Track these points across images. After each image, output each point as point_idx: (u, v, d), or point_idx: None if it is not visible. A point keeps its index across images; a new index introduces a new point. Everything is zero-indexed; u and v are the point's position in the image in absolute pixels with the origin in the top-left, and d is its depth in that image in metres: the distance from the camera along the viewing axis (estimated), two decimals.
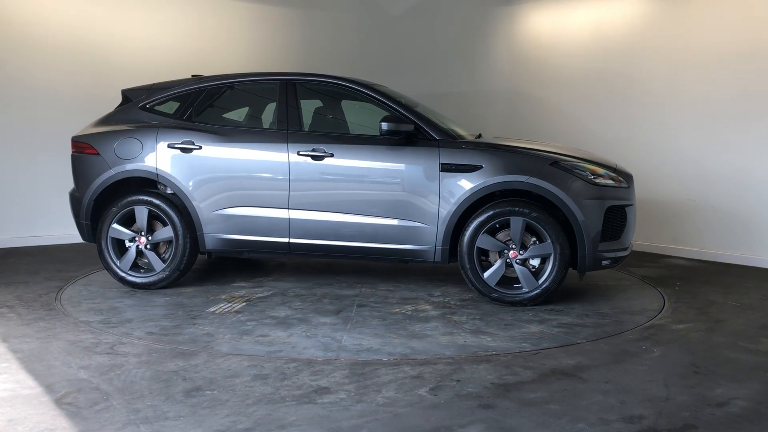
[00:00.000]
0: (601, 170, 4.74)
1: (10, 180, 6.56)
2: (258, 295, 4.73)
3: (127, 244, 4.85)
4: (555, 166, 4.58)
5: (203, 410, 2.74)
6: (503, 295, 4.59)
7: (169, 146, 4.83)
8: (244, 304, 4.50)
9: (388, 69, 8.06)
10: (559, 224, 4.50)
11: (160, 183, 4.92)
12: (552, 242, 4.48)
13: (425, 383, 3.10)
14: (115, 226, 4.81)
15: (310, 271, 5.63)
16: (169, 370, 3.21)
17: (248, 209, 4.80)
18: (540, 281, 4.53)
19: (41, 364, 3.26)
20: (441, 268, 5.82)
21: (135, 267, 4.87)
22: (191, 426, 2.60)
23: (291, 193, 4.75)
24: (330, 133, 5.04)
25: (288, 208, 4.76)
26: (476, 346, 3.70)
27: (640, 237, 7.24)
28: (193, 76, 5.30)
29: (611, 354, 3.59)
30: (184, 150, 4.82)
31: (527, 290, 4.55)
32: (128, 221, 4.86)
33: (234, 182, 4.80)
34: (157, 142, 4.85)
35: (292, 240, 4.80)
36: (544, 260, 4.55)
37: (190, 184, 4.80)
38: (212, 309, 4.36)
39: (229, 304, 4.49)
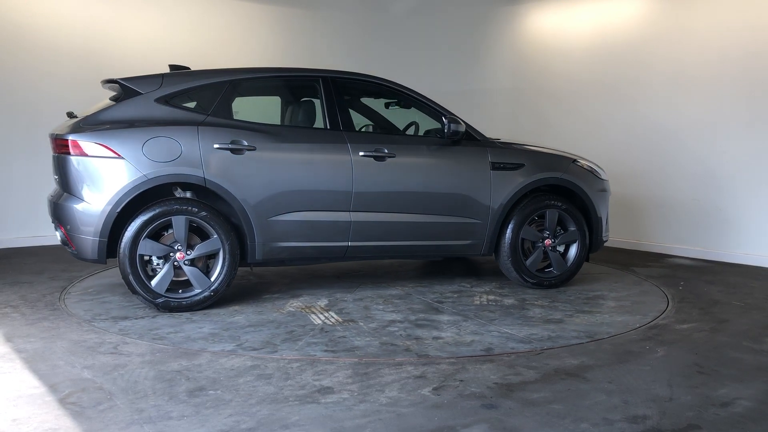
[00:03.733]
0: (597, 168, 5.45)
1: (14, 180, 6.58)
2: (320, 304, 4.53)
3: (156, 261, 4.22)
4: (575, 164, 5.23)
5: (207, 410, 2.75)
6: (541, 280, 5.10)
7: (217, 147, 4.27)
8: (330, 312, 4.31)
9: (390, 68, 8.06)
10: (582, 214, 5.14)
11: (177, 188, 4.35)
12: (577, 230, 5.09)
13: (428, 383, 3.09)
14: (148, 241, 4.15)
15: (303, 277, 5.62)
16: (173, 369, 3.21)
17: (309, 213, 4.49)
18: (568, 264, 5.13)
19: (45, 364, 3.27)
20: (411, 264, 6.04)
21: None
22: (195, 426, 2.60)
23: (354, 194, 4.58)
24: (386, 134, 5.09)
25: (350, 211, 4.59)
26: (626, 323, 4.20)
27: (645, 237, 7.23)
28: (170, 66, 4.75)
29: (615, 354, 3.59)
30: (234, 151, 4.31)
31: (558, 273, 5.12)
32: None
33: (295, 185, 4.44)
34: (199, 141, 4.25)
35: (351, 243, 4.63)
36: (567, 246, 5.15)
37: (244, 188, 4.31)
38: (319, 322, 4.10)
39: (319, 315, 4.25)
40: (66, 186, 4.23)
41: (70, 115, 4.47)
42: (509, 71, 8.51)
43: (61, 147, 4.22)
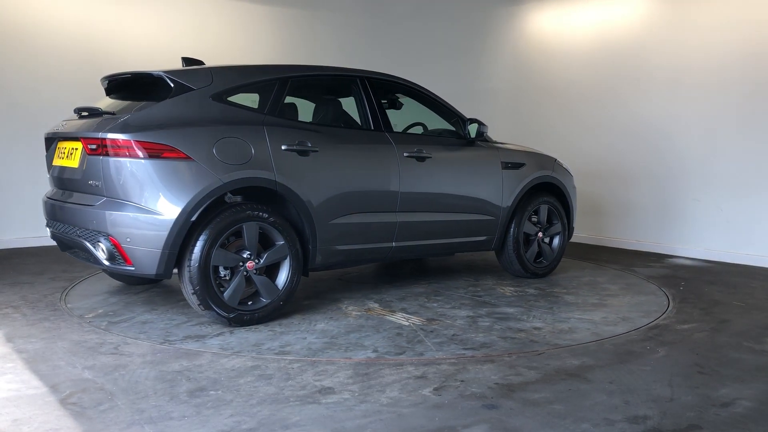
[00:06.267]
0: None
1: (15, 180, 6.59)
2: (372, 306, 4.48)
3: (222, 272, 3.87)
4: (557, 162, 5.66)
5: (207, 410, 2.75)
6: (536, 270, 5.49)
7: (285, 149, 4.04)
8: (399, 313, 4.31)
9: (391, 69, 8.06)
10: (563, 208, 5.61)
11: (228, 192, 3.93)
12: (561, 223, 5.56)
13: (429, 383, 3.09)
14: (221, 251, 3.81)
15: (304, 282, 5.61)
16: (174, 370, 3.21)
17: (363, 215, 4.43)
18: (554, 255, 5.60)
19: (46, 365, 3.27)
20: (380, 264, 6.04)
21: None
22: (195, 426, 2.60)
23: (400, 195, 4.60)
24: (421, 134, 5.20)
25: (396, 211, 4.61)
26: (660, 306, 4.57)
27: (646, 237, 7.22)
28: (184, 59, 4.52)
29: (616, 354, 3.58)
30: (301, 153, 4.12)
31: (547, 263, 5.57)
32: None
33: (353, 187, 4.37)
34: (268, 142, 4.00)
35: (396, 243, 4.64)
36: (551, 238, 5.58)
37: (310, 191, 4.13)
38: (406, 323, 4.08)
39: (392, 316, 4.23)
40: (119, 192, 3.71)
41: (94, 111, 4.00)
42: (509, 71, 8.51)
43: (110, 148, 3.69)
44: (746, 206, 6.41)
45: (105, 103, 4.24)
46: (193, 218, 3.70)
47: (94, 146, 3.76)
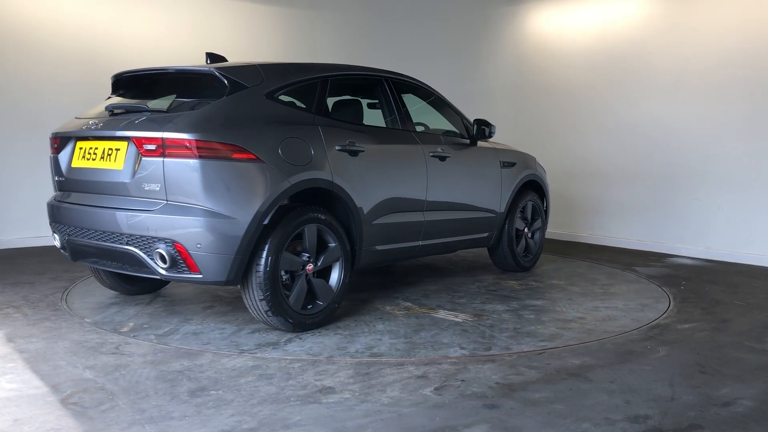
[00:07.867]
0: None
1: (16, 180, 6.59)
2: (407, 305, 4.49)
3: (284, 276, 3.74)
4: (536, 161, 5.93)
5: (208, 410, 2.75)
6: (525, 263, 5.74)
7: (338, 149, 3.99)
8: (442, 310, 4.37)
9: (392, 68, 8.06)
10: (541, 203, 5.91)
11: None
12: (541, 218, 5.86)
13: (430, 383, 3.09)
14: (287, 255, 3.70)
15: None
16: (174, 370, 3.21)
17: (398, 215, 4.44)
18: (538, 248, 5.90)
19: (47, 364, 3.27)
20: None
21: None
22: (196, 426, 2.60)
23: (428, 194, 4.67)
24: (435, 134, 5.18)
25: (424, 210, 4.67)
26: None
27: (646, 236, 7.22)
28: (207, 54, 4.37)
29: (616, 353, 3.58)
30: (351, 153, 4.07)
31: (532, 256, 5.83)
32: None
33: (393, 187, 4.38)
34: (325, 143, 3.93)
35: (422, 242, 4.71)
36: (533, 232, 5.83)
37: (359, 191, 4.09)
38: (459, 320, 4.12)
39: (438, 314, 4.26)
40: (184, 196, 3.44)
41: (137, 109, 3.78)
42: (509, 71, 8.51)
43: (174, 148, 3.42)
44: (746, 205, 6.40)
45: (113, 101, 4.07)
46: (266, 221, 3.56)
47: (152, 147, 3.47)
